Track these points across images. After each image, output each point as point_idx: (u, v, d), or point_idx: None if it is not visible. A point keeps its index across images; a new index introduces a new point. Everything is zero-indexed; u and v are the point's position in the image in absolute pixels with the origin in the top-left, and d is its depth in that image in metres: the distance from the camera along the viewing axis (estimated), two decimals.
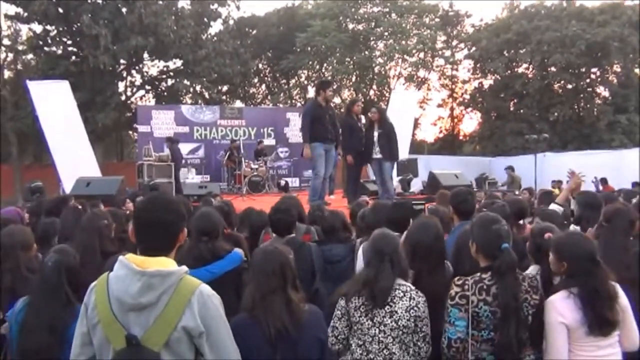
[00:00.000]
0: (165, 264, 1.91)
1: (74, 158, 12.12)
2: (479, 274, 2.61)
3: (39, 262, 3.05)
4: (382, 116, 8.21)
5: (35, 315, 2.55)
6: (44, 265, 2.65)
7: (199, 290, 1.89)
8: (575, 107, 28.26)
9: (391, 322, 2.74)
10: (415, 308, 2.77)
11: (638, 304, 2.70)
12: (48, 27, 23.59)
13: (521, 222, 4.24)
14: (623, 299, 2.60)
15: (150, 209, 1.98)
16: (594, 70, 27.82)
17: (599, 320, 2.47)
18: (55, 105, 12.64)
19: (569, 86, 28.13)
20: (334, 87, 8.24)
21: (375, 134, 8.00)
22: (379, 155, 8.06)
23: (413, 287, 2.84)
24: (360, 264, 3.46)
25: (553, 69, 27.33)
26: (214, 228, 3.42)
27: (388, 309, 2.75)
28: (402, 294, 2.77)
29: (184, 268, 1.94)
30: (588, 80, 28.36)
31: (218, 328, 1.91)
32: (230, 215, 4.54)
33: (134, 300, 1.83)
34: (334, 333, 2.85)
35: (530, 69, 28.93)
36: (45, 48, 24.06)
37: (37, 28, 23.69)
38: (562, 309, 2.52)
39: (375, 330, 2.76)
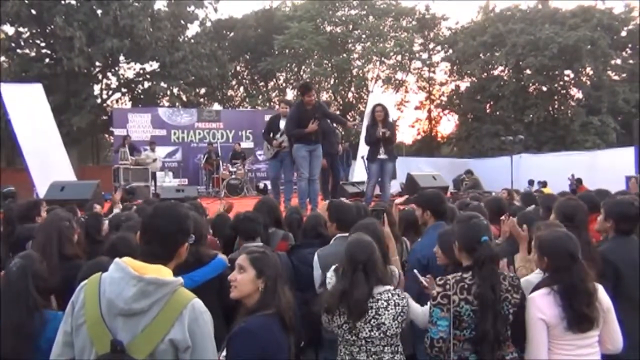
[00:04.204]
0: (163, 273, 1.89)
1: (47, 162, 11.92)
2: (460, 273, 2.62)
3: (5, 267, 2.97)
4: (386, 115, 8.00)
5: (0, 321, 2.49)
6: (9, 270, 2.60)
7: (192, 305, 1.87)
8: (550, 108, 28.77)
9: (379, 333, 2.69)
10: (402, 314, 2.73)
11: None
12: (21, 29, 23.17)
13: (502, 218, 4.27)
14: (606, 300, 2.63)
15: (156, 216, 2.07)
16: (567, 72, 28.35)
17: (577, 316, 2.50)
18: (28, 108, 12.42)
19: (544, 88, 28.64)
20: (312, 91, 7.86)
21: (380, 133, 7.82)
22: (384, 156, 7.92)
23: (395, 291, 2.78)
24: (316, 270, 3.43)
25: (528, 71, 27.79)
26: (198, 232, 3.35)
27: (374, 322, 2.68)
28: (386, 304, 2.70)
29: (180, 280, 1.92)
30: (562, 83, 28.91)
31: (205, 345, 1.88)
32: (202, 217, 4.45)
33: (126, 305, 1.79)
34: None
35: (506, 72, 29.37)
36: (18, 50, 23.59)
37: (9, 30, 23.28)
38: (541, 305, 2.55)
39: (361, 341, 2.70)
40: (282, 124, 8.48)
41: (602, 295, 2.62)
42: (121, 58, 25.05)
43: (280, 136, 8.39)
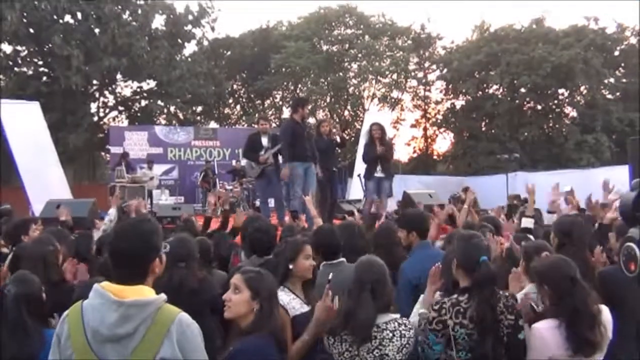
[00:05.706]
0: (144, 292, 1.86)
1: (44, 180, 11.90)
2: (455, 295, 2.61)
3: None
4: (383, 133, 8.12)
5: None
6: (3, 296, 2.58)
7: (178, 319, 1.86)
8: (545, 127, 28.91)
9: None
10: (407, 345, 2.60)
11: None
12: (18, 48, 23.27)
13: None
14: (609, 327, 2.56)
15: (118, 238, 1.96)
16: (561, 91, 28.57)
17: (580, 340, 2.44)
18: (25, 126, 12.43)
19: (538, 107, 28.82)
20: (309, 105, 7.97)
21: (378, 151, 7.92)
22: (381, 174, 8.03)
23: (401, 320, 2.66)
24: None
25: (522, 90, 27.99)
26: (189, 253, 3.24)
27: (377, 352, 2.55)
28: (391, 334, 2.57)
29: (163, 296, 1.89)
30: (556, 101, 29.12)
31: (195, 357, 1.87)
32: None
33: (110, 331, 1.78)
34: None
35: (501, 90, 29.57)
36: (16, 68, 23.67)
37: (7, 48, 23.37)
38: (549, 340, 2.48)
39: None
40: (264, 140, 8.46)
41: (607, 319, 2.56)
42: (118, 76, 25.17)
43: (264, 152, 8.31)
